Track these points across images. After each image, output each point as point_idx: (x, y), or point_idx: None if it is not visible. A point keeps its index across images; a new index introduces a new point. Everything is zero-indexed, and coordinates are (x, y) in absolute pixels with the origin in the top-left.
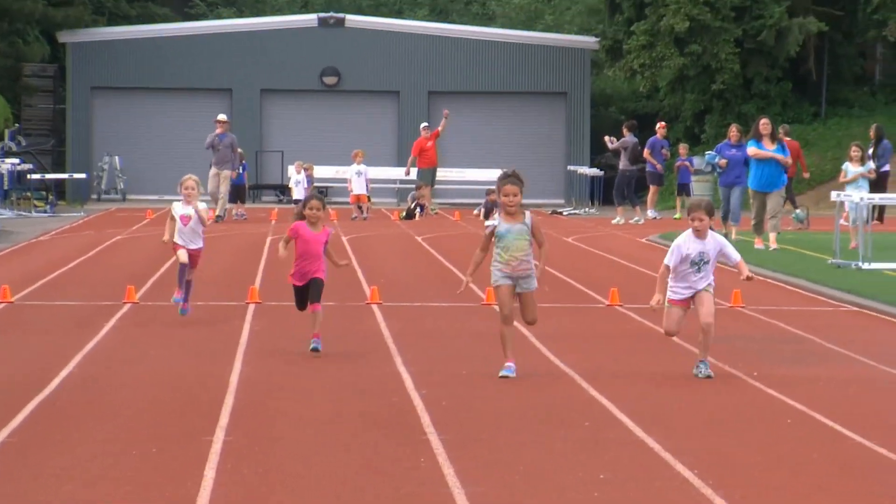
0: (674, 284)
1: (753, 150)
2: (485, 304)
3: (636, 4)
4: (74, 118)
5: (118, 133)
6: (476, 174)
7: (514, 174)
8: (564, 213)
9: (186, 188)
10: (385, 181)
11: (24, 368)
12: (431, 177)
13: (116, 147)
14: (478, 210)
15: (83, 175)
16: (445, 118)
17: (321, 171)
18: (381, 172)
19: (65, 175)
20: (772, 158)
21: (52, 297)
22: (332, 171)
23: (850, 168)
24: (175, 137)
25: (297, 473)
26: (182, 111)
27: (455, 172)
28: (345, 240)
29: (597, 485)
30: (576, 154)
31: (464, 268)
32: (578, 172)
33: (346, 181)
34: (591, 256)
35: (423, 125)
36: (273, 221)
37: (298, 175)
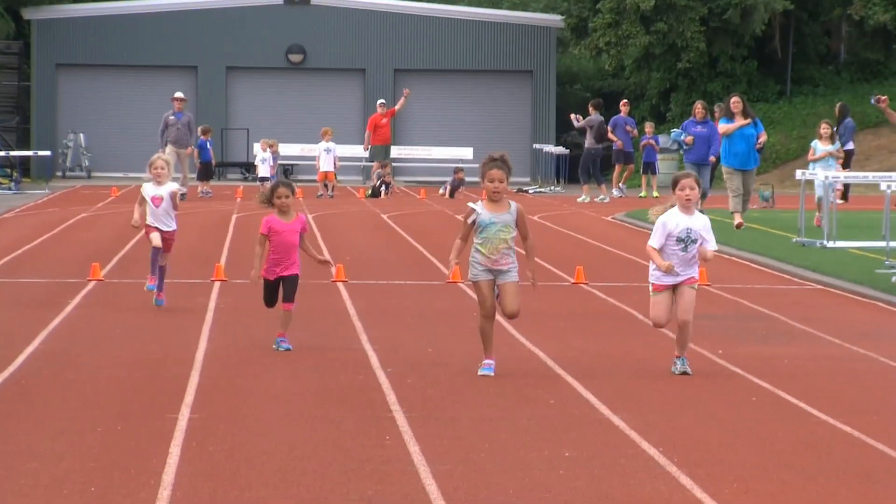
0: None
1: (723, 128)
2: (449, 283)
3: None
4: (39, 95)
5: (83, 110)
6: (442, 152)
7: (502, 158)
8: (530, 192)
9: (156, 168)
10: (350, 159)
11: None
12: (384, 154)
13: (81, 124)
14: (443, 189)
15: (48, 152)
16: (405, 97)
17: (287, 149)
18: (347, 150)
19: (29, 152)
20: (742, 135)
21: (17, 275)
22: (298, 149)
23: (819, 146)
24: (140, 115)
25: (263, 450)
26: (147, 88)
27: (421, 150)
28: (310, 217)
29: (562, 462)
30: (542, 132)
31: (431, 248)
32: (544, 151)
33: (315, 158)
34: (557, 235)
35: (380, 102)
36: (238, 199)
37: (264, 153)
